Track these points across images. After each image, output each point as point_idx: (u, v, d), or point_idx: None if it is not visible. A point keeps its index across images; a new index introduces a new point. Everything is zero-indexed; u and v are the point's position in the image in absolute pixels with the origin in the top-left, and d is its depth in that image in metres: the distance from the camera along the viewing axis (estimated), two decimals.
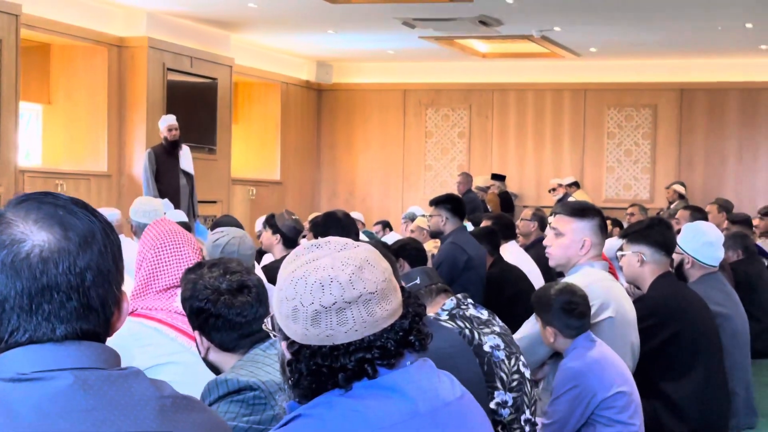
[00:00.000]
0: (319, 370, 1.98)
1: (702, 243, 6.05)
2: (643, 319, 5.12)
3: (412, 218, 11.46)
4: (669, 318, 5.26)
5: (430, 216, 8.14)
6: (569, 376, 4.33)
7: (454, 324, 3.83)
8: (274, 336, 2.13)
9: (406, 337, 2.03)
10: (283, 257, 3.70)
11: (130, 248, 4.40)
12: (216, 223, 7.75)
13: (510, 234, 8.57)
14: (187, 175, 12.36)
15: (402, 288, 2.13)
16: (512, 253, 8.26)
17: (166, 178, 12.11)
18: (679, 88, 16.54)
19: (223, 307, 3.11)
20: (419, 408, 1.98)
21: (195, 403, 1.72)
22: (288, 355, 2.04)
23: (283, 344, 2.06)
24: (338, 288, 1.97)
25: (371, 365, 1.98)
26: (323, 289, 1.97)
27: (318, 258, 2.03)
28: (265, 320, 2.24)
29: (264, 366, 2.97)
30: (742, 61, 15.99)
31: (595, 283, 4.75)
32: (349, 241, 2.11)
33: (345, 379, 1.97)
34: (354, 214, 13.62)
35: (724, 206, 11.25)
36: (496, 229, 8.16)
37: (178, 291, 3.40)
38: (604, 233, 5.08)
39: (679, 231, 6.52)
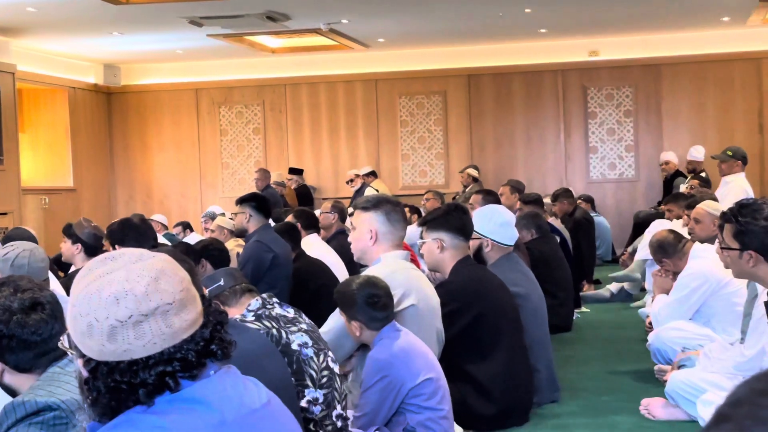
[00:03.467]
0: (118, 386, 1.91)
1: (498, 224, 6.19)
2: (445, 305, 5.20)
3: (212, 217, 11.34)
4: (471, 302, 5.35)
5: (235, 214, 8.07)
6: (377, 367, 4.36)
7: (260, 324, 3.79)
8: (72, 354, 2.05)
9: (207, 346, 1.98)
10: None
11: None
12: (6, 237, 7.46)
13: (312, 227, 8.59)
14: None
15: (202, 296, 2.08)
16: (315, 246, 8.28)
17: None
18: (467, 74, 16.90)
19: (17, 326, 2.98)
20: (226, 417, 1.94)
21: None
22: (85, 373, 1.96)
23: (80, 362, 1.98)
24: (134, 301, 1.90)
25: (173, 378, 1.92)
26: (118, 302, 1.90)
27: (112, 271, 1.96)
28: (61, 338, 2.15)
29: (63, 384, 2.87)
30: (524, 45, 16.46)
31: (395, 273, 4.79)
32: (145, 252, 2.04)
33: (146, 395, 1.91)
34: (157, 217, 13.44)
35: (516, 187, 11.56)
36: (295, 224, 8.16)
37: None
38: (396, 222, 5.08)
39: None
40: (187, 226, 12.80)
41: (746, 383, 0.90)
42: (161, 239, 9.33)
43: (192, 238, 10.44)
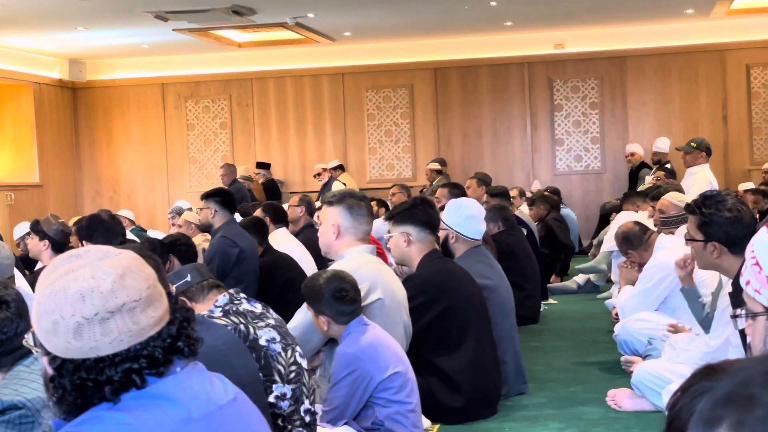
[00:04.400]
0: (84, 384, 1.91)
1: (464, 217, 6.21)
2: (413, 298, 5.22)
3: (179, 212, 11.29)
4: (438, 295, 5.37)
5: (200, 210, 8.05)
6: (346, 361, 4.37)
7: (228, 320, 3.79)
8: (37, 352, 2.04)
9: (174, 343, 1.98)
10: None
11: None
12: None
13: (280, 221, 8.57)
14: None
15: (169, 293, 2.08)
16: (283, 240, 8.26)
17: None
18: (433, 67, 16.92)
19: None
20: (192, 414, 1.94)
21: None
22: (50, 371, 1.96)
23: (45, 359, 1.97)
24: (100, 298, 1.90)
25: (139, 375, 1.92)
26: (84, 299, 1.90)
27: (78, 268, 1.95)
28: (26, 336, 2.14)
29: (29, 382, 2.86)
30: (490, 38, 16.50)
31: (362, 267, 4.80)
32: (111, 248, 2.04)
33: (112, 392, 1.90)
34: (124, 212, 13.36)
35: (483, 180, 11.60)
36: (262, 218, 8.14)
37: None
38: (360, 216, 5.09)
39: (442, 208, 6.68)
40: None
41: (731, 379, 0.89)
42: (129, 235, 9.28)
43: (153, 235, 10.38)
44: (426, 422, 5.02)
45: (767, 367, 0.79)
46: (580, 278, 10.97)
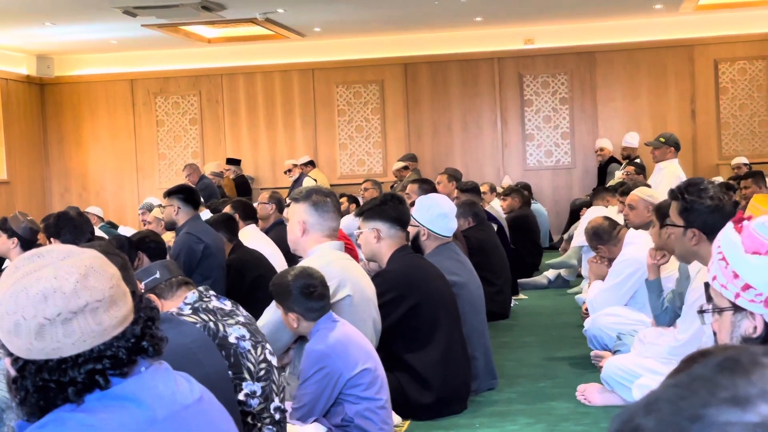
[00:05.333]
0: (47, 385, 1.89)
1: (436, 215, 6.20)
2: (382, 294, 5.21)
3: (149, 209, 11.23)
4: (408, 291, 5.37)
5: (164, 207, 8.01)
6: (315, 358, 4.36)
7: (197, 318, 3.77)
8: None
9: (138, 343, 1.97)
10: None
11: None
12: None
13: (250, 218, 8.55)
14: None
15: (133, 292, 2.06)
16: (253, 236, 8.24)
17: None
18: (403, 62, 16.91)
19: None
20: (157, 415, 1.93)
21: None
22: (13, 372, 1.94)
23: (7, 361, 1.95)
24: (62, 298, 1.88)
25: (102, 376, 1.90)
26: (46, 300, 1.88)
27: (39, 268, 1.93)
28: None
29: None
30: (460, 33, 16.51)
31: (330, 264, 4.79)
32: (74, 248, 2.02)
33: (75, 393, 1.89)
34: (93, 209, 13.27)
35: (454, 175, 11.61)
36: (232, 215, 8.12)
37: None
38: (326, 212, 5.07)
39: (412, 204, 6.67)
40: (110, 226, 12.48)
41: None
42: (98, 232, 9.22)
43: (123, 232, 10.32)
44: (396, 418, 5.02)
45: (649, 398, 0.80)
46: (550, 273, 11.00)
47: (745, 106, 16.18)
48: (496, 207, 11.68)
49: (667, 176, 10.02)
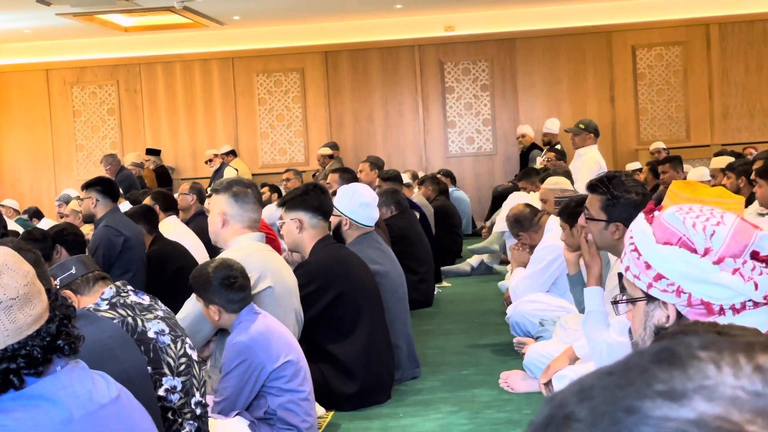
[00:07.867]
0: None
1: (358, 204, 6.19)
2: (305, 285, 5.19)
3: (66, 201, 11.07)
4: (330, 281, 5.35)
5: (81, 200, 7.88)
6: (237, 351, 4.33)
7: (115, 313, 3.71)
8: None
9: (53, 342, 1.93)
10: None
11: None
12: None
13: (171, 209, 8.46)
14: None
15: (48, 290, 2.02)
16: (173, 228, 8.16)
17: None
18: (324, 50, 16.86)
19: None
20: (73, 414, 1.89)
21: None
22: None
23: None
24: None
25: (17, 375, 1.86)
26: None
27: None
28: None
29: None
30: (380, 20, 16.50)
31: (251, 255, 4.76)
32: None
33: None
34: (8, 202, 13.03)
35: (376, 164, 11.61)
36: (152, 206, 8.02)
37: None
38: (247, 203, 5.04)
39: (334, 193, 6.66)
40: (34, 214, 12.28)
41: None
42: (13, 225, 9.05)
43: (44, 224, 10.15)
44: (320, 410, 5.00)
45: (582, 385, 0.79)
46: (473, 260, 11.04)
47: (662, 91, 16.42)
48: (419, 195, 11.71)
49: (587, 162, 10.13)
